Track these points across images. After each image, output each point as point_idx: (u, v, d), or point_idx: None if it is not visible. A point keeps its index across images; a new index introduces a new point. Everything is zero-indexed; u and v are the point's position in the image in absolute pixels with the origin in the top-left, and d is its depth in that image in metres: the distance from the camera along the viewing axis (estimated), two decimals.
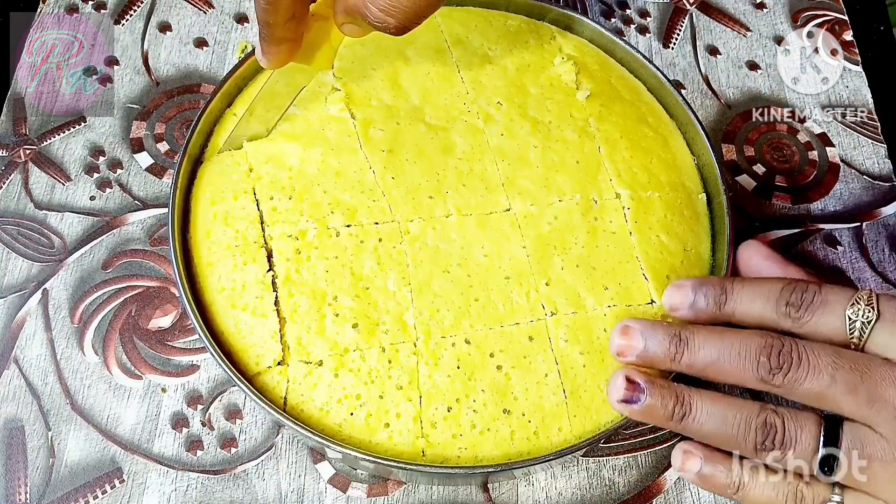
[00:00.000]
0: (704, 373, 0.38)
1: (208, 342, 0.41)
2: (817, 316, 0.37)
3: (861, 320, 0.36)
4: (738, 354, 0.37)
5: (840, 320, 0.37)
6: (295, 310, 0.42)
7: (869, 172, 0.58)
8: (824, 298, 0.37)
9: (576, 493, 0.46)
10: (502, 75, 0.49)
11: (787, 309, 0.37)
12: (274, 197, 0.45)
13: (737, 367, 0.37)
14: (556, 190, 0.46)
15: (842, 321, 0.37)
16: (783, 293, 0.38)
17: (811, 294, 0.37)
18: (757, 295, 0.39)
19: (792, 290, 0.38)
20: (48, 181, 0.54)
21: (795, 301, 0.37)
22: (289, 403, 0.41)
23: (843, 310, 0.37)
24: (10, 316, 0.50)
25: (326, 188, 0.45)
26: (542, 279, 0.43)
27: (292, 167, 0.45)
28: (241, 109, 0.48)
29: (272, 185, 0.45)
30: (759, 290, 0.39)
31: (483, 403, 0.41)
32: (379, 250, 0.43)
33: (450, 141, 0.47)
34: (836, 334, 0.37)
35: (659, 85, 0.52)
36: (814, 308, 0.37)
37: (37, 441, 0.46)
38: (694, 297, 0.40)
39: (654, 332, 0.39)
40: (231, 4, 0.63)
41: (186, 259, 0.45)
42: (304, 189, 0.45)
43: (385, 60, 0.49)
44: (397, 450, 0.40)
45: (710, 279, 0.41)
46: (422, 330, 0.42)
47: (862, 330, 0.36)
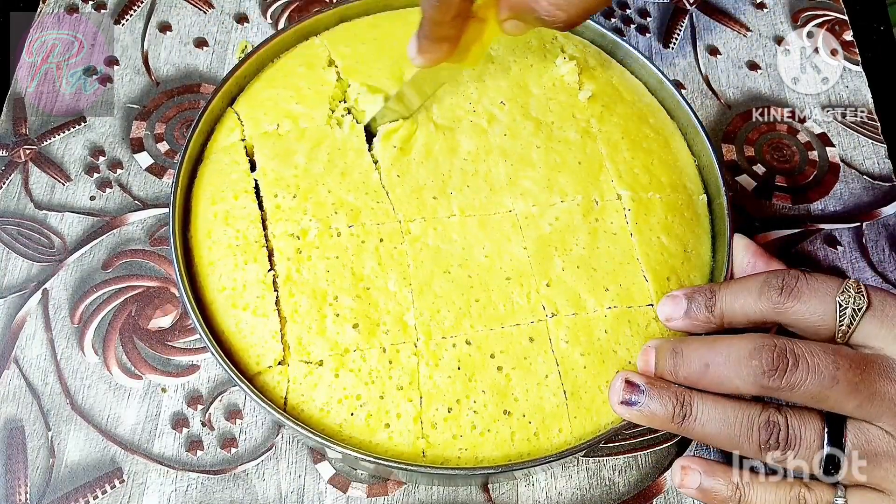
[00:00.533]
0: (700, 383, 0.38)
1: (209, 341, 0.41)
2: (803, 302, 0.37)
3: (852, 307, 0.36)
4: (726, 359, 0.37)
5: (827, 307, 0.36)
6: (296, 309, 0.42)
7: (869, 172, 0.58)
8: (810, 285, 0.37)
9: (576, 494, 0.46)
10: (505, 75, 0.49)
11: (771, 294, 0.37)
12: (278, 194, 0.45)
13: (727, 374, 0.37)
14: (559, 191, 0.46)
15: (830, 308, 0.36)
16: (767, 281, 0.38)
17: (794, 279, 0.37)
18: (741, 289, 0.39)
19: (775, 277, 0.38)
20: (48, 181, 0.54)
21: (779, 286, 0.37)
22: (289, 403, 0.41)
23: (832, 297, 0.36)
24: (10, 316, 0.50)
25: (331, 188, 0.45)
26: (543, 280, 0.43)
27: (298, 165, 0.45)
28: (244, 108, 0.48)
29: (277, 183, 0.45)
30: (743, 284, 0.39)
31: (483, 404, 0.41)
32: (380, 250, 0.43)
33: (455, 141, 0.47)
34: (822, 322, 0.37)
35: (659, 86, 0.52)
36: (799, 293, 0.37)
37: (37, 441, 0.46)
38: (687, 305, 0.41)
39: (659, 349, 0.40)
40: (231, 4, 0.63)
41: (187, 258, 0.45)
42: (308, 188, 0.45)
43: (389, 60, 0.49)
44: (397, 450, 0.40)
45: (701, 287, 0.42)
46: (422, 330, 0.42)
47: (852, 317, 0.36)
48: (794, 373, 0.35)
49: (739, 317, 0.39)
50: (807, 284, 0.37)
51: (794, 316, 0.37)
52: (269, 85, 0.49)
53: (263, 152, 0.46)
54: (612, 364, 0.42)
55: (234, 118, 0.48)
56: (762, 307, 0.38)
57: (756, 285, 0.38)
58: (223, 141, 0.48)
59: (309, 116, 0.47)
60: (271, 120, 0.47)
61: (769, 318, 0.38)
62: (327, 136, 0.46)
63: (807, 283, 0.37)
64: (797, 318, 0.37)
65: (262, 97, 0.49)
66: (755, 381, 0.36)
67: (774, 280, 0.38)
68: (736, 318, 0.39)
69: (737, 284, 0.40)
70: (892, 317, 0.36)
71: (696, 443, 0.47)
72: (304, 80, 0.49)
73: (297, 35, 0.52)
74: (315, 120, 0.47)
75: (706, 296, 0.40)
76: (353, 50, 0.50)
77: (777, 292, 0.37)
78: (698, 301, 0.41)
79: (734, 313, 0.39)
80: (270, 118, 0.47)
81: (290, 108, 0.48)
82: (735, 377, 0.36)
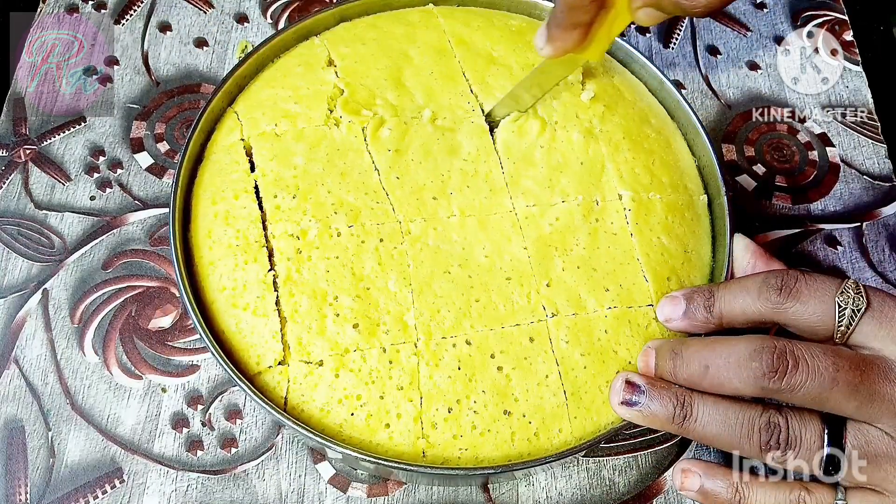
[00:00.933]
0: (701, 385, 0.38)
1: (209, 341, 0.41)
2: (802, 302, 0.37)
3: (851, 307, 0.36)
4: (726, 361, 0.37)
5: (826, 307, 0.36)
6: (296, 309, 0.42)
7: (869, 172, 0.58)
8: (809, 285, 0.37)
9: (576, 494, 0.46)
10: (507, 75, 0.49)
11: (770, 294, 0.37)
12: (278, 195, 0.45)
13: (728, 375, 0.36)
14: (560, 191, 0.46)
15: (829, 308, 0.36)
16: (765, 282, 0.38)
17: (793, 279, 0.37)
18: (740, 290, 0.39)
19: (774, 277, 0.38)
20: (48, 181, 0.54)
21: (777, 286, 0.37)
22: (289, 403, 0.41)
23: (830, 297, 0.36)
24: (10, 316, 0.50)
25: (331, 188, 0.45)
26: (543, 280, 0.43)
27: (297, 166, 0.45)
28: (242, 108, 0.48)
29: (276, 183, 0.45)
30: (742, 284, 0.39)
31: (484, 404, 0.41)
32: (380, 250, 0.43)
33: (456, 142, 0.47)
34: (821, 323, 0.36)
35: (660, 86, 0.52)
36: (797, 293, 0.37)
37: (37, 441, 0.46)
38: (686, 306, 0.41)
39: (650, 356, 0.40)
40: (231, 4, 0.63)
41: (187, 258, 0.45)
42: (308, 188, 0.45)
43: (388, 60, 0.49)
44: (398, 450, 0.40)
45: (700, 287, 0.42)
46: (422, 330, 0.42)
47: (851, 318, 0.36)
48: (795, 374, 0.35)
49: (738, 317, 0.39)
50: (806, 285, 0.37)
51: (792, 316, 0.37)
52: (268, 85, 0.49)
53: (262, 153, 0.46)
54: (613, 364, 0.42)
55: (233, 118, 0.48)
56: (761, 307, 0.38)
57: (755, 286, 0.38)
58: (223, 141, 0.48)
59: (307, 117, 0.47)
60: (269, 120, 0.47)
61: (768, 318, 0.38)
62: (325, 136, 0.46)
63: (806, 283, 0.37)
64: (796, 318, 0.37)
65: (260, 97, 0.49)
66: (755, 383, 0.36)
67: (773, 280, 0.38)
68: (735, 318, 0.39)
69: (735, 285, 0.40)
70: (891, 318, 0.36)
71: (696, 443, 0.47)
72: (302, 79, 0.49)
73: (297, 35, 0.52)
74: (313, 120, 0.47)
75: (705, 296, 0.40)
76: (353, 50, 0.50)
77: (776, 292, 0.37)
78: (697, 302, 0.41)
79: (733, 314, 0.39)
80: (268, 118, 0.47)
81: (287, 108, 0.47)
82: (735, 379, 0.36)
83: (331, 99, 0.48)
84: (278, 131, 0.47)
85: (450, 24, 0.51)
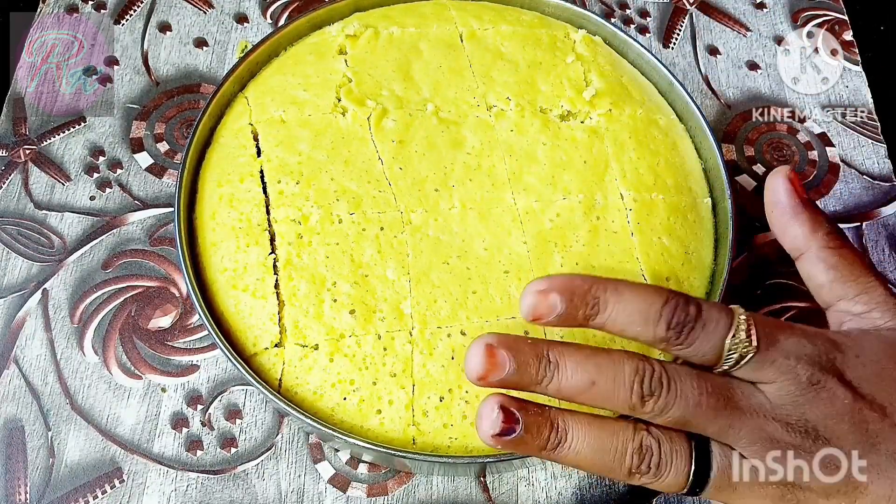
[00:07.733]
0: (573, 399, 0.34)
1: (206, 321, 0.41)
2: (696, 346, 0.34)
3: (739, 352, 0.34)
4: (612, 380, 0.34)
5: (715, 349, 0.34)
6: (294, 293, 0.42)
7: (869, 172, 0.58)
8: (706, 328, 0.34)
9: (576, 493, 0.46)
10: (513, 71, 0.50)
11: (661, 328, 0.34)
12: (282, 180, 0.45)
13: (610, 394, 0.34)
14: (562, 189, 0.46)
15: (718, 350, 0.34)
16: (664, 315, 0.34)
17: (691, 320, 0.34)
18: (631, 308, 0.34)
19: (672, 309, 0.34)
20: (48, 181, 0.54)
21: (673, 324, 0.34)
22: (283, 385, 0.42)
23: (721, 339, 0.34)
24: (10, 316, 0.50)
25: (334, 175, 0.45)
26: (541, 275, 0.43)
27: (302, 152, 0.46)
28: (252, 93, 0.49)
29: (281, 169, 0.45)
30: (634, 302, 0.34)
31: (475, 395, 0.41)
32: (380, 239, 0.44)
33: (460, 136, 0.47)
34: (705, 360, 0.35)
35: (669, 87, 0.52)
36: (694, 336, 0.34)
37: (37, 441, 0.46)
38: (562, 307, 0.34)
39: (520, 352, 0.34)
40: (231, 4, 0.63)
41: (191, 239, 0.45)
42: (311, 175, 0.45)
43: (397, 52, 0.50)
44: (388, 436, 0.41)
45: (577, 283, 0.34)
46: (418, 319, 0.42)
47: (736, 362, 0.34)
48: (667, 397, 0.34)
49: (618, 332, 0.35)
50: (703, 329, 0.34)
51: (678, 353, 0.35)
52: (279, 71, 0.50)
53: (268, 138, 0.47)
54: None
55: (243, 102, 0.49)
56: (648, 335, 0.34)
57: (649, 308, 0.34)
58: (232, 124, 0.48)
59: (314, 104, 0.48)
60: (277, 106, 0.48)
61: (650, 345, 0.35)
62: (331, 124, 0.47)
63: (703, 326, 0.34)
64: (681, 356, 0.35)
65: (270, 83, 0.49)
66: (631, 404, 0.34)
67: (670, 313, 0.34)
68: (615, 331, 0.35)
69: (628, 299, 0.34)
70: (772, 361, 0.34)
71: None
72: (312, 67, 0.49)
73: (311, 25, 0.53)
74: (320, 108, 0.47)
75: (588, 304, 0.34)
76: (364, 42, 0.50)
77: (672, 331, 0.34)
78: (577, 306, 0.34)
79: (614, 328, 0.35)
80: (276, 104, 0.48)
81: (296, 95, 0.48)
82: (615, 398, 0.34)
83: (339, 87, 0.48)
84: (285, 118, 0.47)
85: (462, 17, 0.52)
